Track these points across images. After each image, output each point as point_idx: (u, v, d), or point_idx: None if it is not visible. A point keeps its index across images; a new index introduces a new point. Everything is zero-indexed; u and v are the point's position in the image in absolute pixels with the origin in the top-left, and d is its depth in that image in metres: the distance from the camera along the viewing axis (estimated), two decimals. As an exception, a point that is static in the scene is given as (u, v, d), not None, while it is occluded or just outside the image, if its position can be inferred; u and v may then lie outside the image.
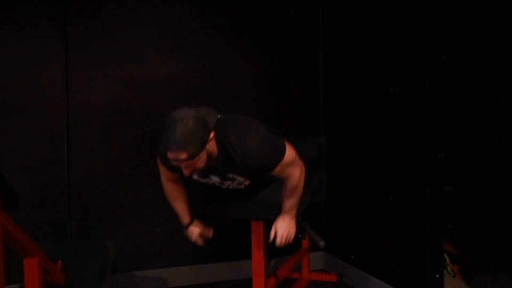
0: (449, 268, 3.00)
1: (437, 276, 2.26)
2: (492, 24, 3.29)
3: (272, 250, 2.33)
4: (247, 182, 1.98)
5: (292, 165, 1.91)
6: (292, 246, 2.77)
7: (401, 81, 2.39)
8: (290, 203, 2.01)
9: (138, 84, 2.81)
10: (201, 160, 1.69)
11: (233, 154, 1.76)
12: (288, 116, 3.10)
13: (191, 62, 2.91)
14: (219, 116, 1.81)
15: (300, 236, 2.36)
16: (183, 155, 1.62)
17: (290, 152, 1.90)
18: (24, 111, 2.61)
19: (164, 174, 2.07)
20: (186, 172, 1.72)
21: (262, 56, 3.04)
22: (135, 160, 2.81)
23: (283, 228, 2.00)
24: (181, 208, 2.06)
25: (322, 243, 2.06)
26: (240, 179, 1.94)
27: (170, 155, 1.64)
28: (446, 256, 2.98)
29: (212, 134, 1.69)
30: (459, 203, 3.17)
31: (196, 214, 2.22)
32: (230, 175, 1.92)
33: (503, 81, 3.35)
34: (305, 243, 2.89)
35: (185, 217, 2.07)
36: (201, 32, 2.92)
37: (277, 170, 1.87)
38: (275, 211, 2.08)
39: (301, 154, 2.37)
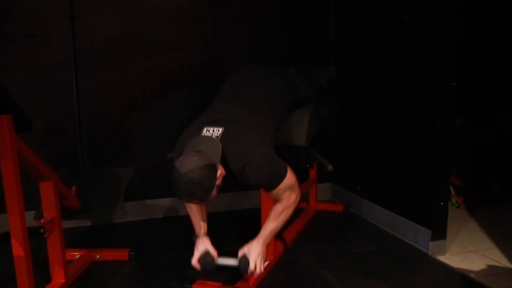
0: (453, 200, 3.06)
1: (442, 204, 2.31)
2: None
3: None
4: None
5: (289, 190, 1.88)
6: (300, 177, 2.85)
7: (415, 8, 2.30)
8: (271, 227, 1.91)
9: (145, 13, 2.73)
10: (212, 195, 1.74)
11: (240, 175, 1.78)
12: (298, 45, 3.04)
13: (199, -10, 2.82)
14: (220, 141, 1.78)
15: (308, 165, 2.39)
16: (195, 201, 1.83)
17: (290, 177, 1.87)
18: (30, 40, 2.57)
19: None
20: None
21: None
22: (144, 90, 2.80)
23: (256, 255, 1.87)
24: (196, 221, 2.05)
25: (330, 167, 2.10)
26: None
27: (183, 200, 1.81)
28: (451, 187, 3.02)
29: (219, 172, 1.72)
30: (469, 136, 3.16)
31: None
32: None
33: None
34: (312, 173, 2.94)
35: (198, 229, 2.06)
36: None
37: (273, 192, 1.86)
38: (286, 139, 2.09)
39: (311, 83, 2.35)
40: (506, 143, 3.20)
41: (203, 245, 1.97)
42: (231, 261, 1.94)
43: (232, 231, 2.67)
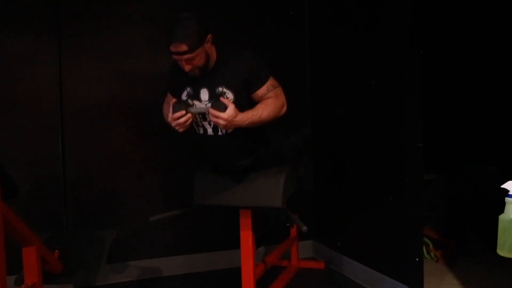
0: (432, 254, 3.11)
1: (417, 259, 2.37)
2: (469, 17, 3.39)
3: (261, 238, 2.42)
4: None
5: (277, 89, 2.09)
6: (281, 235, 2.90)
7: (383, 74, 2.48)
8: (254, 112, 2.00)
9: (130, 79, 2.88)
10: (200, 56, 1.93)
11: (230, 59, 2.02)
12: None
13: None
14: None
15: (288, 224, 2.46)
16: (184, 47, 1.87)
17: (274, 79, 2.11)
18: (19, 106, 2.67)
19: (167, 98, 2.29)
20: (186, 68, 1.95)
21: (250, 48, 3.11)
22: (128, 152, 2.89)
23: (233, 108, 1.92)
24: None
25: (304, 228, 2.14)
26: (228, 94, 2.02)
27: (173, 48, 1.89)
28: (429, 241, 3.09)
29: (210, 36, 1.95)
30: (443, 190, 3.27)
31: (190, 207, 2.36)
32: (220, 89, 2.03)
33: (481, 71, 3.45)
34: (293, 232, 2.98)
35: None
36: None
37: (263, 88, 2.05)
38: (262, 200, 2.17)
39: (288, 144, 2.46)
40: (479, 196, 3.30)
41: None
42: (203, 107, 2.04)
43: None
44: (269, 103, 2.05)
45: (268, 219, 2.47)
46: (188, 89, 2.11)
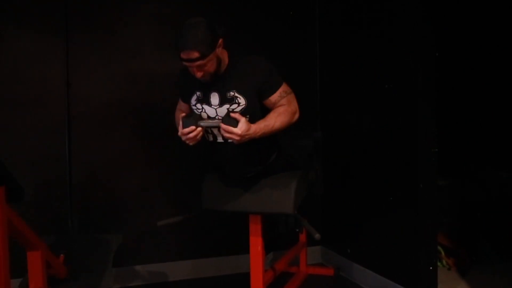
0: (444, 261, 3.05)
1: (431, 268, 2.32)
2: (484, 20, 3.34)
3: (270, 244, 2.38)
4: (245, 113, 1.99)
5: (290, 95, 2.05)
6: (290, 240, 2.85)
7: (395, 78, 2.43)
8: (267, 122, 1.96)
9: (138, 80, 2.85)
10: (212, 62, 1.89)
11: (242, 64, 1.99)
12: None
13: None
14: None
15: (297, 230, 2.42)
16: (195, 54, 1.83)
17: (286, 84, 2.07)
18: (25, 106, 2.65)
19: (179, 103, 2.30)
20: (198, 75, 1.91)
21: (260, 52, 3.04)
22: (136, 155, 2.85)
23: (246, 123, 1.87)
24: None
25: (317, 235, 2.11)
26: (239, 99, 1.98)
27: (184, 55, 1.85)
28: (441, 249, 3.03)
29: (221, 40, 1.91)
30: (455, 196, 3.21)
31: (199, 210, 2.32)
32: (231, 93, 1.98)
33: (495, 75, 3.40)
34: (302, 237, 2.94)
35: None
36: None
37: (276, 95, 2.00)
38: (274, 206, 2.13)
39: (298, 148, 2.43)
40: (492, 202, 3.25)
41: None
42: (214, 121, 1.98)
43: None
44: (282, 111, 2.00)
45: (277, 225, 2.43)
46: (198, 93, 2.06)
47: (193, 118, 1.96)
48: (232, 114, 1.90)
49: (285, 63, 3.11)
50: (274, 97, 2.01)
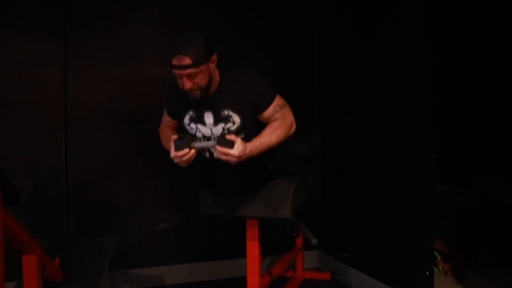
0: (440, 266, 3.05)
1: (427, 273, 2.31)
2: (483, 26, 3.35)
3: (267, 248, 2.37)
4: (240, 131, 1.97)
5: (284, 109, 2.00)
6: (287, 245, 2.85)
7: (394, 83, 2.44)
8: (263, 139, 1.91)
9: (136, 84, 2.84)
10: (203, 75, 1.83)
11: (234, 82, 1.94)
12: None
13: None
14: None
15: (294, 234, 2.41)
16: (187, 60, 1.77)
17: (280, 97, 2.02)
18: (23, 109, 2.64)
19: (164, 119, 2.26)
20: (187, 86, 1.84)
21: (259, 57, 3.08)
22: (133, 158, 2.85)
23: (241, 144, 1.83)
24: (169, 137, 2.02)
25: (314, 240, 2.10)
26: (234, 118, 1.95)
27: (175, 61, 1.79)
28: (437, 254, 3.03)
29: (215, 56, 1.88)
30: (452, 202, 3.22)
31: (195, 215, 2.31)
32: (225, 112, 1.95)
33: (494, 82, 3.41)
34: (299, 242, 2.94)
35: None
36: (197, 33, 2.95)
37: (270, 109, 1.97)
38: (271, 210, 2.12)
39: (296, 153, 2.42)
40: (489, 208, 3.25)
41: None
42: (208, 143, 1.94)
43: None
44: (277, 126, 1.96)
45: (274, 229, 2.43)
46: (191, 112, 2.02)
47: (186, 139, 1.89)
48: (227, 136, 1.85)
49: (284, 68, 3.13)
50: (268, 112, 1.98)
